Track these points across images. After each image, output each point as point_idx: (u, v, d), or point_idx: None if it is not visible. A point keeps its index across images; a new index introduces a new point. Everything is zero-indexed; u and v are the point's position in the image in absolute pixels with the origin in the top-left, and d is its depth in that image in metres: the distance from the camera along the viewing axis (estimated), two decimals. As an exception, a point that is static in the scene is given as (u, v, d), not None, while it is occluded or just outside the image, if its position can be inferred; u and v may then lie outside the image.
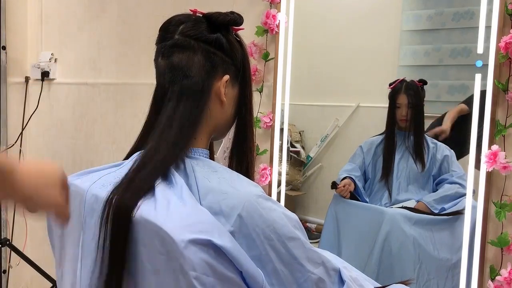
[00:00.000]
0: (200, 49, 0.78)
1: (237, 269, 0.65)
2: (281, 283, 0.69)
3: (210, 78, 0.79)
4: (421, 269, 1.60)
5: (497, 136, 1.47)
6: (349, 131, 2.03)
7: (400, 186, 1.80)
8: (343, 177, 1.86)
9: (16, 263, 2.36)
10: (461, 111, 1.73)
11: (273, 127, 1.82)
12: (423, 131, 1.80)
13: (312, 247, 0.74)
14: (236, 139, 0.86)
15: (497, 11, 1.43)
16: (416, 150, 1.79)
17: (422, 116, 1.79)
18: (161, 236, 0.63)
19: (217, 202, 0.69)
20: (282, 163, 1.82)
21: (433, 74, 1.82)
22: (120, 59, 2.22)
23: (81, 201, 0.75)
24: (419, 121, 1.79)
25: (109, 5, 2.26)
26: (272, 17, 1.75)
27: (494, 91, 1.45)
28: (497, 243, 1.47)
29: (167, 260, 0.63)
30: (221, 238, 0.63)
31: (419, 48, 1.86)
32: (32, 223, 2.45)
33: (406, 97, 1.77)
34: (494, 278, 1.48)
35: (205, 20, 0.80)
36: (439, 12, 1.82)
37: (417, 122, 1.79)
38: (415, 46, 1.82)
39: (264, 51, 1.82)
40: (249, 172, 0.85)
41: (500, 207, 1.47)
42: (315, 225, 2.07)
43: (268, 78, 1.84)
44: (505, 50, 1.42)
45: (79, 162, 2.34)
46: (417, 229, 1.64)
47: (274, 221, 0.69)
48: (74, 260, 0.77)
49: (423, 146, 1.79)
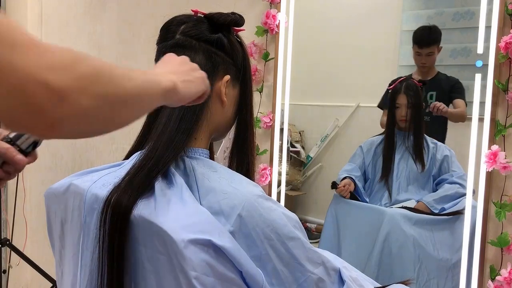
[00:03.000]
0: (201, 49, 0.78)
1: (237, 269, 0.65)
2: (281, 283, 0.69)
3: (211, 78, 0.79)
4: (421, 269, 1.60)
5: (497, 136, 1.47)
6: (349, 131, 2.03)
7: (400, 186, 1.80)
8: (343, 177, 1.86)
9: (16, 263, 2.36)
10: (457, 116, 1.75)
11: (273, 127, 1.82)
12: (423, 131, 1.80)
13: (312, 247, 0.74)
14: (236, 139, 0.86)
15: (497, 11, 1.44)
16: (416, 150, 1.79)
17: (422, 116, 1.79)
18: (161, 236, 0.63)
19: (217, 202, 0.69)
20: (282, 163, 1.82)
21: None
22: (120, 59, 2.22)
23: (81, 201, 0.75)
24: (419, 121, 1.79)
25: (109, 5, 2.26)
26: (272, 17, 1.75)
27: (494, 91, 1.45)
28: (497, 243, 1.47)
29: (167, 260, 0.63)
30: (221, 238, 0.63)
31: (419, 48, 1.86)
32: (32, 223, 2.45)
33: (406, 97, 1.77)
34: (494, 278, 1.48)
35: (206, 21, 0.80)
36: (439, 12, 1.82)
37: (417, 122, 1.79)
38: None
39: (264, 51, 1.82)
40: (249, 172, 0.85)
41: (500, 207, 1.47)
42: (315, 225, 2.07)
43: (268, 78, 1.84)
44: (505, 50, 1.42)
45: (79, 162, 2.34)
46: (417, 229, 1.64)
47: (274, 221, 0.69)
48: (74, 260, 0.77)
49: (423, 146, 1.79)
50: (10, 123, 0.40)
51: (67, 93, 0.40)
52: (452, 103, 1.78)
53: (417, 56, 1.82)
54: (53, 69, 0.39)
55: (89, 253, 0.73)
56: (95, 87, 0.43)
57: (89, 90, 0.42)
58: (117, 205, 0.68)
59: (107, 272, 0.68)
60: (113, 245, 0.67)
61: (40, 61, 0.39)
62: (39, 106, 0.39)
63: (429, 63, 1.82)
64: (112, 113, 0.47)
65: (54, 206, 0.82)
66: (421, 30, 1.81)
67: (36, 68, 0.38)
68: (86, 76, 0.42)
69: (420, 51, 1.81)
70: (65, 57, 0.41)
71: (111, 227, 0.67)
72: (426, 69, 1.83)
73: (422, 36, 1.81)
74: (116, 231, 0.67)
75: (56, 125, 0.40)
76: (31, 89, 0.38)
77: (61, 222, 0.80)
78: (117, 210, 0.67)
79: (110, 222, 0.67)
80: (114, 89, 0.45)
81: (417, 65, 1.84)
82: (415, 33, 1.83)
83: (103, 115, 0.45)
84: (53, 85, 0.39)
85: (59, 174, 2.33)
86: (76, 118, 0.41)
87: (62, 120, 0.40)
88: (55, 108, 0.39)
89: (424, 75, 1.82)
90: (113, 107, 0.46)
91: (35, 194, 2.47)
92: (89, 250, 0.73)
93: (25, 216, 2.43)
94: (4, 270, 2.38)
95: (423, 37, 1.80)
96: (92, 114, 0.43)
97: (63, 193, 0.79)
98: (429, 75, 1.83)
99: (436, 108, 1.75)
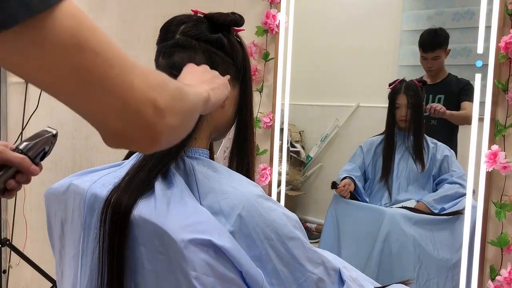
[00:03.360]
0: (201, 48, 0.78)
1: (237, 269, 0.65)
2: (281, 283, 0.69)
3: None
4: (421, 269, 1.60)
5: (497, 136, 1.47)
6: (349, 131, 2.03)
7: (400, 186, 1.80)
8: (343, 177, 1.86)
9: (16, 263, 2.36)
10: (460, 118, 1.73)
11: (273, 127, 1.82)
12: (423, 131, 1.80)
13: (312, 247, 0.74)
14: (236, 139, 0.86)
15: (497, 11, 1.43)
16: (416, 150, 1.79)
17: (421, 116, 1.79)
18: (161, 236, 0.63)
19: (217, 202, 0.69)
20: (282, 163, 1.82)
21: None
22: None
23: (81, 201, 0.75)
24: (419, 121, 1.79)
25: (109, 5, 2.26)
26: (272, 17, 1.75)
27: (494, 91, 1.45)
28: (497, 243, 1.47)
29: (167, 260, 0.63)
30: (221, 238, 0.63)
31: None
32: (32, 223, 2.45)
33: (406, 97, 1.77)
34: (494, 278, 1.48)
35: (206, 20, 0.80)
36: (439, 12, 1.82)
37: (417, 122, 1.79)
38: (415, 46, 1.82)
39: (264, 51, 1.82)
40: (250, 172, 0.85)
41: (500, 207, 1.47)
42: (315, 225, 2.07)
43: (268, 78, 1.84)
44: (505, 50, 1.42)
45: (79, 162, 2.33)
46: (417, 229, 1.64)
47: (274, 221, 0.69)
48: (74, 260, 0.77)
49: (422, 146, 1.79)
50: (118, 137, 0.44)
51: (166, 110, 0.45)
52: (460, 106, 1.74)
53: (423, 60, 1.79)
54: (156, 89, 0.45)
55: (89, 253, 0.73)
56: (180, 103, 0.49)
57: (177, 107, 0.48)
58: (117, 205, 0.68)
59: (107, 272, 0.68)
60: (113, 245, 0.67)
61: (147, 82, 0.44)
62: (149, 122, 0.44)
63: (435, 67, 1.78)
64: (188, 125, 0.54)
65: (54, 206, 0.82)
66: (426, 34, 1.77)
67: (146, 87, 0.43)
68: (174, 95, 0.48)
69: (425, 55, 1.78)
70: (159, 78, 0.47)
71: (111, 227, 0.67)
72: (434, 73, 1.79)
73: (426, 40, 1.77)
74: (116, 231, 0.67)
75: (157, 138, 0.45)
76: (143, 107, 0.43)
77: (61, 222, 0.80)
78: (117, 210, 0.67)
79: (110, 222, 0.68)
80: (188, 104, 0.52)
81: (424, 69, 1.82)
82: (421, 37, 1.79)
83: (184, 127, 0.53)
84: (159, 103, 0.44)
85: (59, 174, 2.33)
86: (172, 131, 0.47)
87: (162, 134, 0.45)
88: (159, 124, 0.45)
89: (433, 79, 1.79)
90: (189, 119, 0.54)
91: (35, 194, 2.47)
92: (89, 250, 0.73)
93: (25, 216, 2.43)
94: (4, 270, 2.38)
95: (427, 41, 1.77)
96: (180, 127, 0.50)
97: (63, 193, 0.79)
98: (438, 78, 1.80)
99: (433, 109, 1.72)
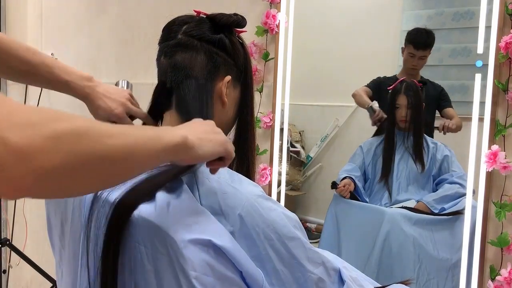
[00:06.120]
0: (203, 49, 0.78)
1: (237, 269, 0.65)
2: (281, 283, 0.69)
3: (212, 78, 0.79)
4: (421, 269, 1.60)
5: (497, 136, 1.47)
6: (349, 131, 2.03)
7: (400, 186, 1.80)
8: (343, 177, 1.86)
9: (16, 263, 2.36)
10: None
11: (273, 127, 1.82)
12: (423, 132, 1.80)
13: (312, 247, 0.74)
14: (237, 140, 0.86)
15: (497, 11, 1.44)
16: (416, 151, 1.79)
17: (421, 117, 1.79)
18: (161, 236, 0.63)
19: (217, 202, 0.69)
20: (282, 163, 1.82)
21: (433, 74, 1.82)
22: (120, 59, 2.22)
23: (81, 201, 0.75)
24: (419, 121, 1.79)
25: (109, 5, 2.26)
26: (272, 17, 1.75)
27: (494, 91, 1.45)
28: (497, 243, 1.47)
29: (167, 260, 0.63)
30: (221, 238, 0.63)
31: (419, 48, 1.85)
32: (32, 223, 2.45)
33: (406, 97, 1.77)
34: (494, 278, 1.48)
35: (208, 21, 0.80)
36: (439, 12, 1.82)
37: (417, 122, 1.79)
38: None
39: (264, 51, 1.82)
40: (250, 173, 0.85)
41: (500, 207, 1.47)
42: (315, 225, 2.07)
43: (268, 78, 1.84)
44: (505, 50, 1.42)
45: (79, 162, 2.33)
46: (417, 229, 1.64)
47: (274, 221, 0.69)
48: (74, 260, 0.77)
49: (422, 147, 1.79)
50: None
51: (28, 152, 0.38)
52: (442, 112, 1.76)
53: (410, 57, 1.79)
54: (16, 127, 0.38)
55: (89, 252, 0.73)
56: (67, 145, 0.42)
57: (59, 148, 0.41)
58: (117, 205, 0.68)
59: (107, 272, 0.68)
60: (113, 245, 0.67)
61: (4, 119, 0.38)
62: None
63: (420, 67, 1.79)
64: (92, 171, 0.45)
65: (54, 206, 0.82)
66: (418, 32, 1.78)
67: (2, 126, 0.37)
68: (57, 135, 0.41)
69: (414, 53, 1.78)
70: (34, 116, 0.40)
71: (111, 227, 0.67)
72: (415, 72, 1.80)
73: (420, 38, 1.77)
74: (116, 231, 0.67)
75: (19, 184, 0.39)
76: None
77: (61, 222, 0.80)
78: (118, 210, 0.67)
79: (110, 222, 0.67)
80: (90, 147, 0.44)
81: (405, 67, 1.81)
82: (411, 34, 1.79)
83: (80, 173, 0.44)
84: (11, 144, 0.38)
85: (59, 174, 2.33)
86: (43, 176, 0.40)
87: (23, 179, 0.39)
88: (15, 167, 0.38)
89: (411, 78, 1.80)
90: (92, 165, 0.45)
91: (35, 194, 2.47)
92: (90, 250, 0.73)
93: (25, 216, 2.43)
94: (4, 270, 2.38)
95: (421, 39, 1.77)
96: (64, 173, 0.42)
97: (63, 193, 0.79)
98: (415, 79, 1.80)
99: (446, 128, 1.72)
